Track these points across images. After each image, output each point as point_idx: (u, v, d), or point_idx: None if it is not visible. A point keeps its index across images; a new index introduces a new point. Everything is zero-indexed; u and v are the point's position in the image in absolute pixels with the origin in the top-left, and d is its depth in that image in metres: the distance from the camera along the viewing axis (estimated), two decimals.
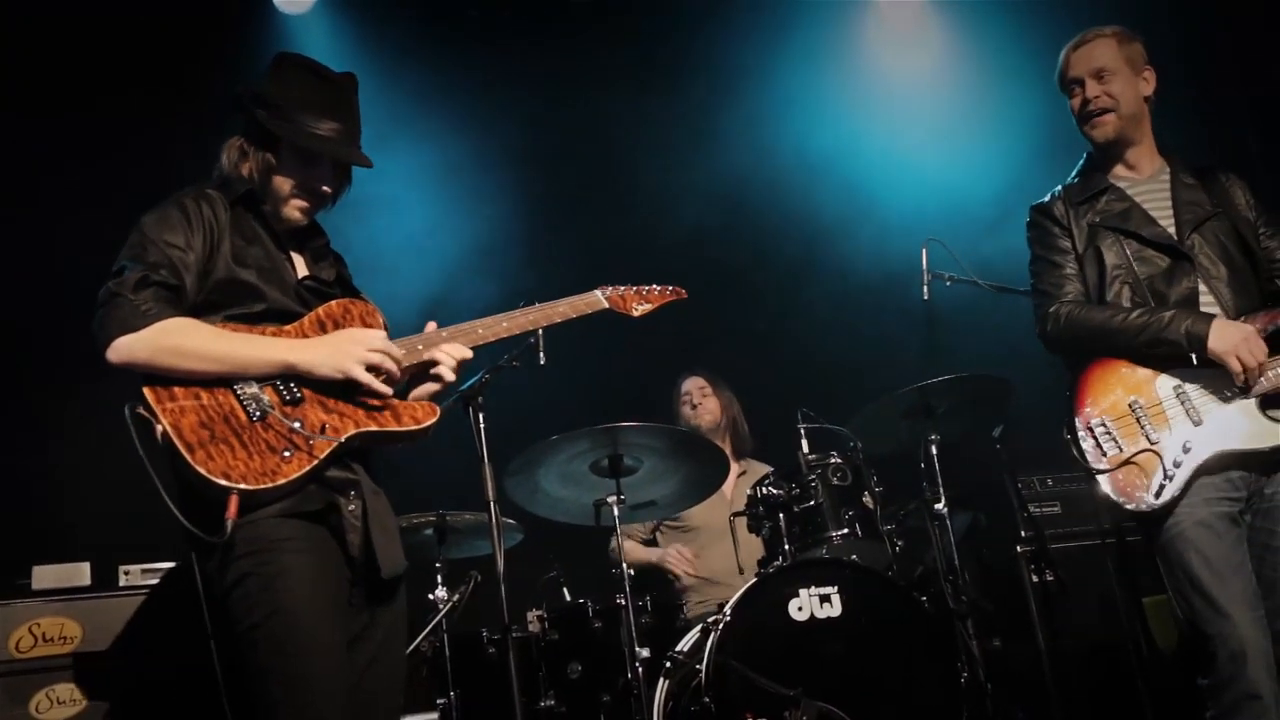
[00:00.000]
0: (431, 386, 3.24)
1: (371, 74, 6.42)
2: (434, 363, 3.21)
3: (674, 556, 5.92)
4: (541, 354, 4.70)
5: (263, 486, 2.80)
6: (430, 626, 4.97)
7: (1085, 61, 3.94)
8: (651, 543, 6.20)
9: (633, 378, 6.87)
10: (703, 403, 6.35)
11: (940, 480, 5.18)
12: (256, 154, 3.19)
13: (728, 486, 5.94)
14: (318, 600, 2.86)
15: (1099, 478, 3.65)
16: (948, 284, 5.24)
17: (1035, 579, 5.45)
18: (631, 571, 4.93)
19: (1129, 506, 3.62)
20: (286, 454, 2.85)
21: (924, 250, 5.23)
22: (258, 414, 2.88)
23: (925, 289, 5.21)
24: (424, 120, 6.79)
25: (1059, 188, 4.05)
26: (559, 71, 7.15)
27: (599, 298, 3.67)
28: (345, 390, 3.03)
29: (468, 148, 6.97)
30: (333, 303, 3.17)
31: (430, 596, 5.18)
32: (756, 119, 7.28)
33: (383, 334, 3.08)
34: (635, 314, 3.76)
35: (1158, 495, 3.58)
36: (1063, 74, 4.00)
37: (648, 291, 3.85)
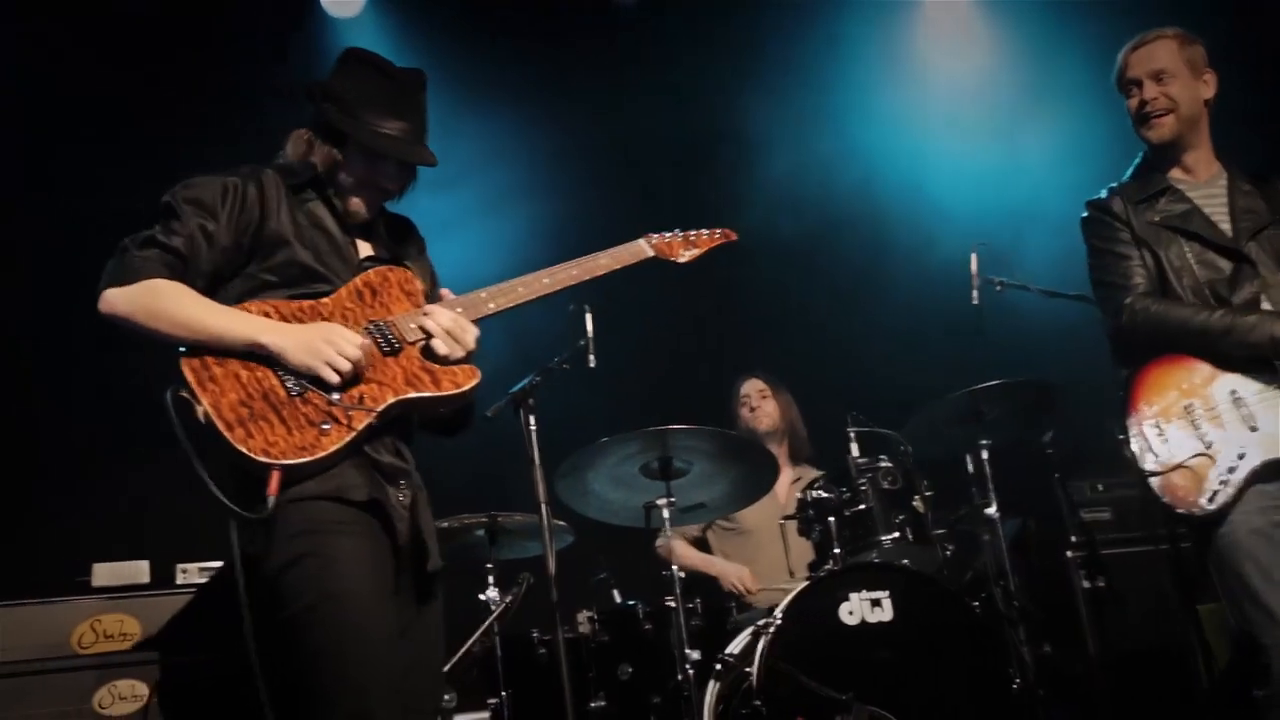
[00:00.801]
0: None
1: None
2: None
3: (736, 580, 5.86)
4: (592, 356, 4.75)
5: (302, 460, 2.80)
6: (483, 628, 4.99)
7: (1145, 62, 3.89)
8: (701, 542, 6.17)
9: (683, 380, 6.90)
10: (761, 405, 6.33)
11: (991, 485, 5.17)
12: (322, 147, 3.21)
13: (780, 489, 5.94)
14: (373, 583, 2.87)
15: (1151, 480, 3.63)
16: (998, 289, 5.22)
17: (1086, 585, 5.43)
18: (682, 574, 4.95)
19: (1180, 511, 3.59)
20: (325, 426, 2.85)
21: (974, 255, 5.22)
22: (296, 390, 2.88)
23: (975, 293, 5.20)
24: (468, 123, 6.81)
25: (1114, 185, 3.99)
26: (606, 79, 7.18)
27: (643, 246, 3.57)
28: (386, 357, 3.03)
29: (510, 151, 7.01)
30: (371, 271, 3.17)
31: (481, 597, 5.21)
32: (806, 123, 7.28)
33: (353, 335, 2.98)
34: (681, 260, 3.66)
35: (1211, 500, 3.54)
36: (1121, 74, 3.95)
37: (695, 236, 3.74)
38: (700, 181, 7.32)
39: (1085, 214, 4.01)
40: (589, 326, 4.71)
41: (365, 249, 3.28)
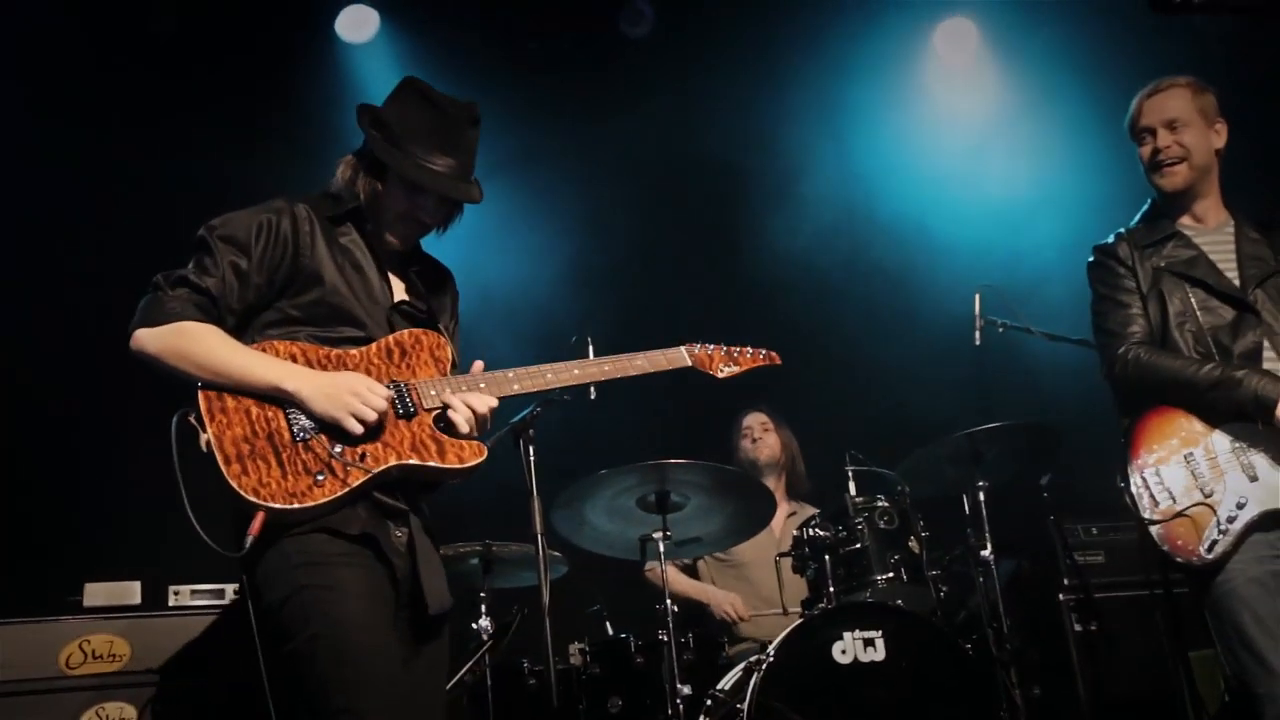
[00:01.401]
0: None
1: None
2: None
3: (728, 607, 5.84)
4: (592, 389, 4.74)
5: (289, 507, 2.79)
6: (475, 658, 4.97)
7: (1158, 111, 3.90)
8: (690, 569, 6.17)
9: (682, 414, 6.89)
10: (763, 437, 6.35)
11: (986, 525, 5.17)
12: (364, 177, 3.22)
13: (776, 525, 5.94)
14: (373, 612, 2.85)
15: (1151, 528, 3.63)
16: (1000, 330, 5.25)
17: (1079, 628, 5.43)
18: (675, 608, 4.94)
19: (1179, 559, 3.60)
20: (320, 477, 2.84)
21: (977, 297, 5.25)
22: (301, 435, 2.88)
23: (977, 335, 5.23)
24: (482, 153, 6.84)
25: (1122, 229, 4.01)
26: (613, 110, 7.19)
27: (682, 354, 3.53)
28: (398, 420, 3.02)
29: (525, 180, 7.03)
30: (404, 331, 3.17)
31: (474, 626, 5.19)
32: (811, 162, 7.30)
33: (380, 388, 2.98)
34: (720, 376, 3.62)
35: (1210, 550, 3.55)
36: (1134, 121, 3.96)
37: (738, 353, 3.69)
38: (705, 214, 7.33)
39: (1091, 258, 4.03)
40: (591, 357, 4.70)
41: (399, 288, 3.28)
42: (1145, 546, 3.67)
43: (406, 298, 3.29)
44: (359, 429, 2.90)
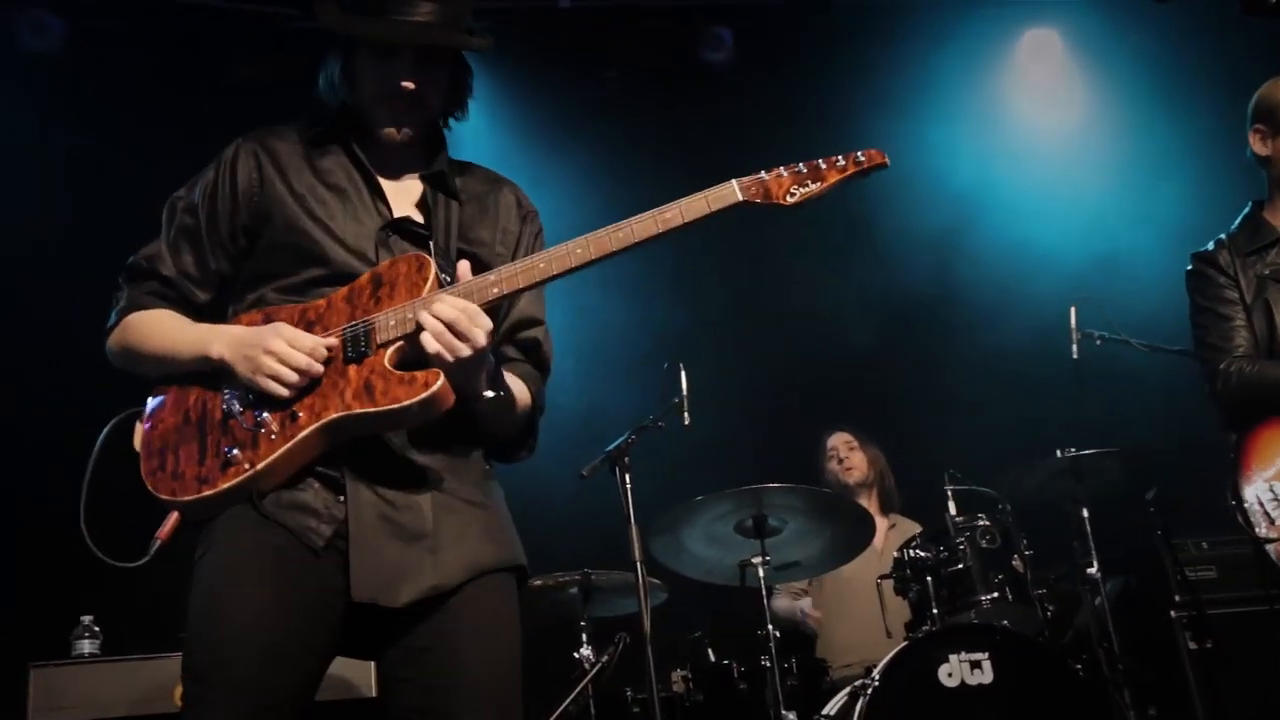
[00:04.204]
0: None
1: (507, 137, 6.64)
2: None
3: (799, 609, 5.95)
4: (686, 414, 4.76)
5: (191, 498, 2.43)
6: (579, 688, 4.98)
7: None
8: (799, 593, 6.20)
9: (777, 437, 6.87)
10: (849, 457, 6.29)
11: (1092, 543, 5.07)
12: (339, 71, 2.66)
13: (878, 540, 5.87)
14: (245, 588, 2.39)
15: (1266, 547, 3.53)
16: (1098, 343, 5.17)
17: (1193, 646, 5.29)
18: (778, 634, 4.91)
19: None
20: (233, 453, 2.41)
21: (1073, 310, 5.18)
22: (230, 411, 2.46)
23: (1074, 348, 5.16)
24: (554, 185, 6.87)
25: (1222, 235, 3.91)
26: (699, 140, 7.19)
27: (732, 190, 2.56)
28: (346, 366, 2.46)
29: (585, 205, 7.07)
30: (385, 262, 2.55)
31: (576, 655, 5.20)
32: (900, 171, 7.24)
33: (304, 337, 2.46)
34: (789, 203, 2.57)
35: None
36: (1271, 109, 3.79)
37: (818, 167, 2.62)
38: (792, 237, 7.31)
39: (1190, 267, 3.94)
40: (683, 384, 4.73)
41: (404, 201, 2.69)
42: (1261, 565, 3.57)
43: (413, 214, 2.68)
44: (282, 391, 2.41)
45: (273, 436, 2.41)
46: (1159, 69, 6.87)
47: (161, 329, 2.57)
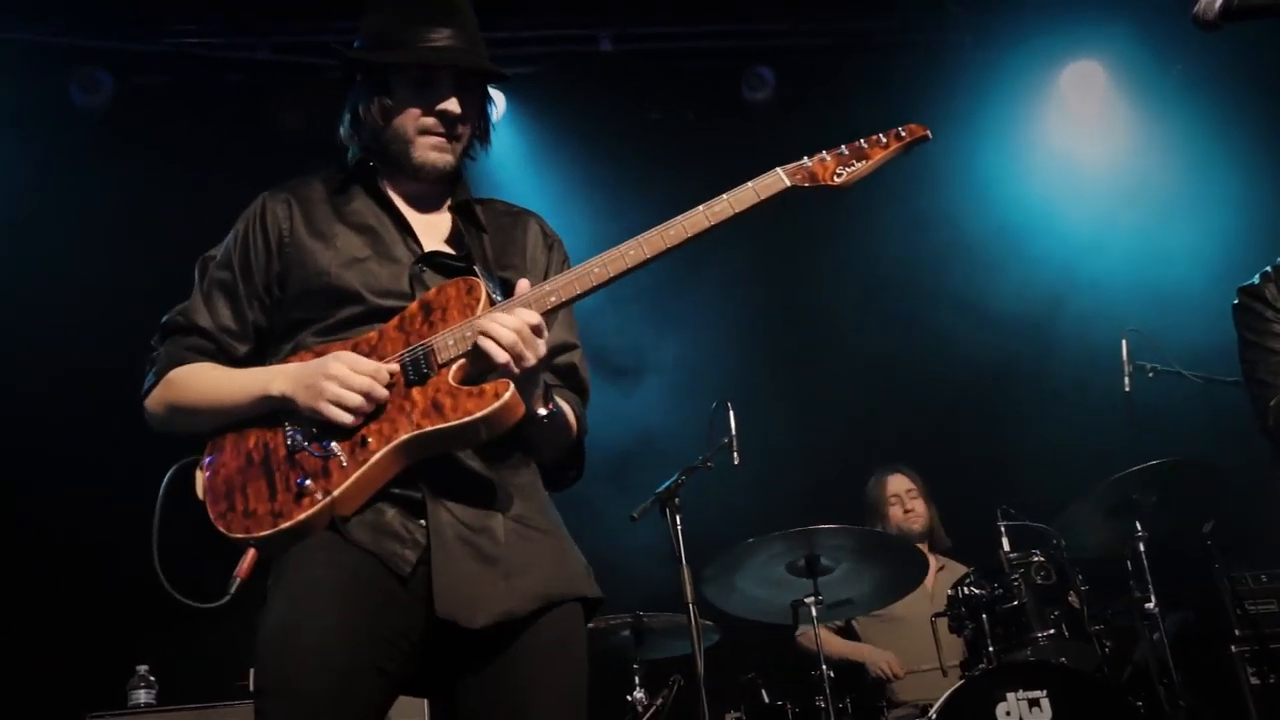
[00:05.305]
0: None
1: (551, 179, 6.68)
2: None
3: (884, 664, 5.70)
4: (736, 454, 4.75)
5: (267, 533, 2.39)
6: None
7: None
8: (846, 631, 6.08)
9: (826, 475, 6.84)
10: (914, 506, 6.22)
11: (1149, 577, 5.01)
12: (367, 106, 2.68)
13: (929, 580, 5.83)
14: (320, 606, 2.36)
15: None
16: (1150, 375, 5.13)
17: (1255, 681, 5.20)
18: (832, 674, 4.87)
19: None
20: (305, 483, 2.39)
21: (1124, 342, 5.14)
22: (296, 446, 2.44)
23: (1127, 380, 5.12)
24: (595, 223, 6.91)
25: (1268, 268, 3.87)
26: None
27: (779, 178, 2.62)
28: (409, 388, 2.46)
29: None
30: (432, 290, 2.56)
31: (629, 699, 5.19)
32: (950, 206, 7.23)
33: (364, 361, 2.46)
34: (836, 183, 2.65)
35: None
36: None
37: (861, 147, 2.71)
38: (837, 277, 7.29)
39: (1236, 301, 3.89)
40: (732, 424, 4.73)
41: (435, 236, 2.71)
42: None
43: (444, 247, 2.70)
44: (346, 417, 2.40)
45: (344, 464, 2.40)
46: (1205, 99, 6.82)
47: (211, 379, 2.57)
